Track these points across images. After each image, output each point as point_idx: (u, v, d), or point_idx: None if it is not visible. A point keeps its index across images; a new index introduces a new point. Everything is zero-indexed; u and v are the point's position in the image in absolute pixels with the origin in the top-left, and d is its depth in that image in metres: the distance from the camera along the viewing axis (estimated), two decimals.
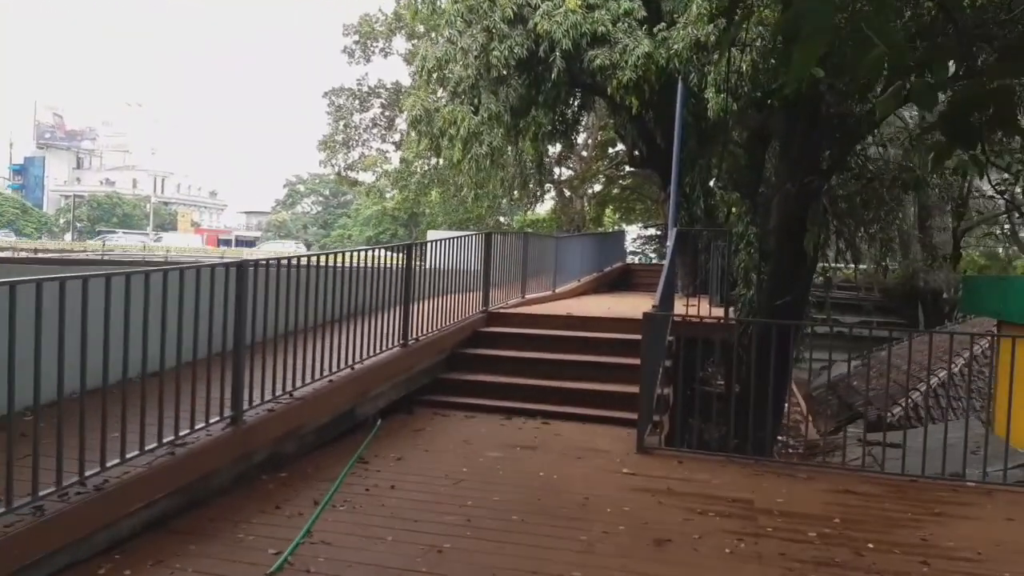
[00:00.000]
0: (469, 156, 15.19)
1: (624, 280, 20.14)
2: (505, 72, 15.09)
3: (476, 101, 15.78)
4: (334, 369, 5.65)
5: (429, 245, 7.58)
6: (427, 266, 7.42)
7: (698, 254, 17.50)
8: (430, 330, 7.33)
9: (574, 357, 7.87)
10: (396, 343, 6.58)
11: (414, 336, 6.95)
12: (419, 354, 6.97)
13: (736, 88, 12.47)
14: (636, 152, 17.24)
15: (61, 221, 76.45)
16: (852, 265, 21.10)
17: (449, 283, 7.92)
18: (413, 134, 17.75)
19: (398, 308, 6.65)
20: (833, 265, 20.60)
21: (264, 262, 4.97)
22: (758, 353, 6.57)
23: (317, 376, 5.42)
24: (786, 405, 17.69)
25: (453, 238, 8.44)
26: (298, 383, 5.24)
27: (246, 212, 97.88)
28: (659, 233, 40.71)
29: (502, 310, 9.29)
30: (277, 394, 5.03)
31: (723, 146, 13.92)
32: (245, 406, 4.68)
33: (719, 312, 9.21)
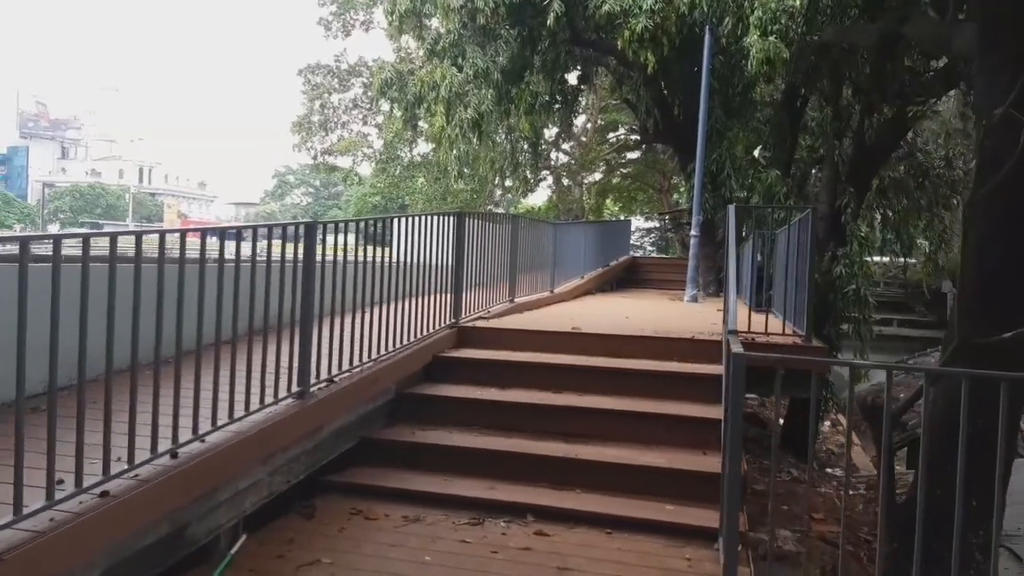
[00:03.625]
0: (452, 122, 12.35)
1: (631, 276, 17.38)
2: (495, 22, 12.30)
3: (460, 60, 13.00)
4: (136, 460, 2.91)
5: (353, 227, 4.77)
6: (356, 260, 4.66)
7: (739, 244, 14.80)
8: (356, 362, 4.58)
9: (588, 401, 5.12)
10: (283, 393, 3.83)
11: (322, 377, 4.20)
12: (331, 407, 4.20)
13: (786, 31, 9.72)
14: (649, 123, 14.44)
15: (44, 212, 73.86)
16: (901, 259, 18.42)
17: (397, 285, 5.16)
18: (384, 104, 14.86)
19: (288, 332, 3.88)
20: (880, 259, 17.95)
21: None
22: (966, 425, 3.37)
23: (89, 483, 2.69)
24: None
25: (399, 217, 5.69)
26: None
27: (235, 203, 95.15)
28: (659, 225, 38.09)
29: (479, 322, 6.53)
30: None
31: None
32: None
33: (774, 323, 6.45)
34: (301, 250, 3.98)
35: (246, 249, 3.68)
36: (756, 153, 12.78)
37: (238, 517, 3.50)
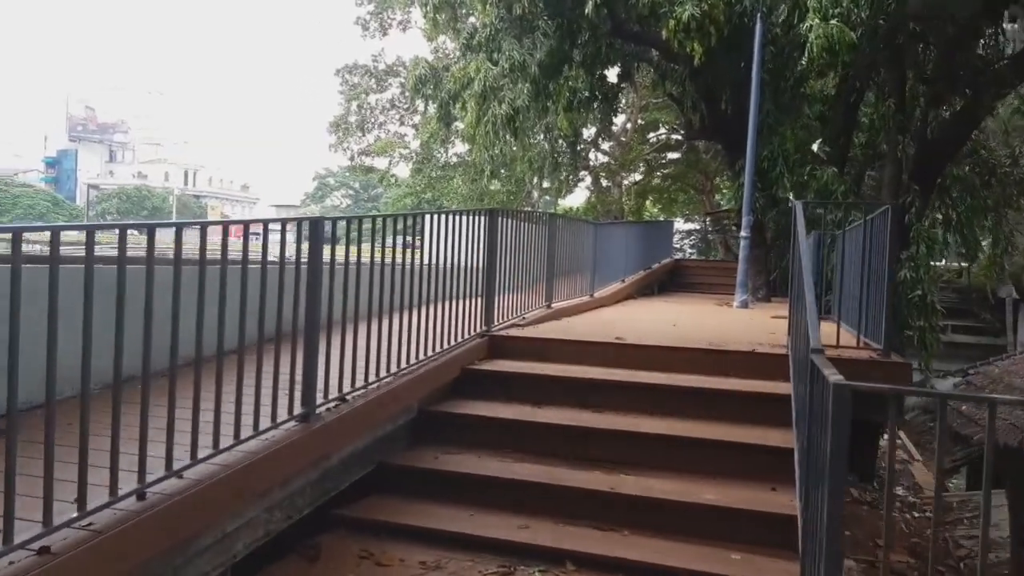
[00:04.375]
0: (485, 119, 11.78)
1: (674, 279, 16.64)
2: (532, 12, 11.71)
3: (496, 55, 12.45)
4: (91, 506, 2.39)
5: (368, 224, 4.21)
6: (372, 261, 4.11)
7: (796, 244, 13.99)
8: (373, 378, 4.03)
9: (634, 423, 4.50)
10: (284, 416, 3.30)
11: (331, 395, 3.66)
12: (342, 431, 3.66)
13: (848, 14, 8.94)
14: (695, 119, 13.70)
15: (91, 214, 75.65)
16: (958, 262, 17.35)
17: (422, 289, 4.61)
18: (419, 102, 14.37)
19: (291, 344, 3.35)
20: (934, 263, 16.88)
21: None
22: None
23: (24, 538, 2.18)
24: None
25: (423, 214, 5.14)
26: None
27: (276, 206, 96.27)
28: (699, 226, 37.09)
29: (514, 330, 5.95)
30: None
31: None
32: None
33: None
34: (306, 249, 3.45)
35: (242, 248, 3.16)
36: (815, 147, 11.94)
37: (226, 564, 2.97)
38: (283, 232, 3.34)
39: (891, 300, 5.04)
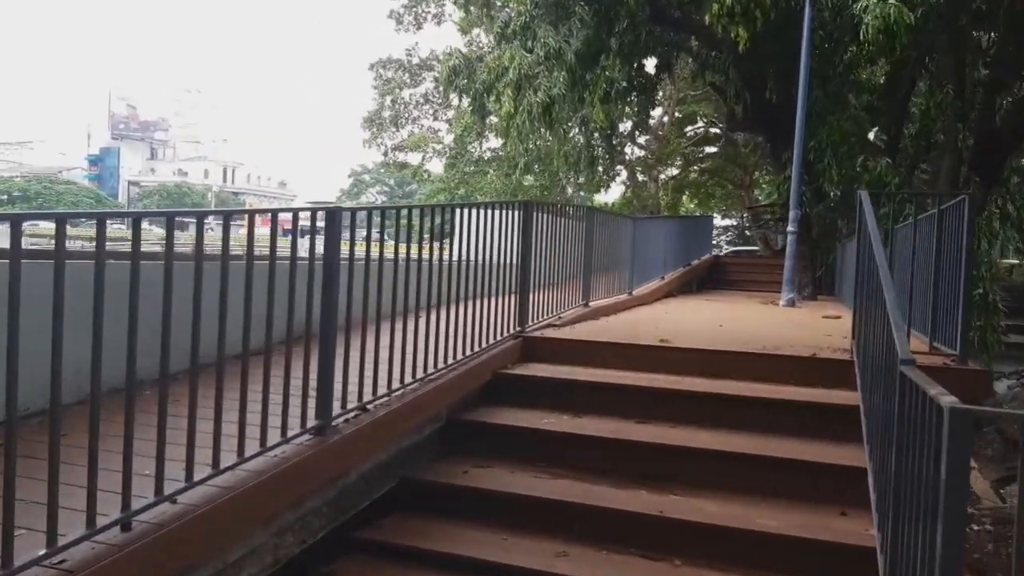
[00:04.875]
0: (520, 108, 11.38)
1: (713, 276, 16.08)
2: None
3: (531, 43, 12.05)
4: (62, 541, 2.07)
5: (391, 216, 3.84)
6: (397, 258, 3.77)
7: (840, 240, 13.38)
8: (397, 384, 3.69)
9: (681, 436, 4.08)
10: (296, 429, 2.97)
11: (350, 405, 3.31)
12: (361, 443, 3.32)
13: None
14: (738, 109, 13.15)
15: (131, 210, 77.13)
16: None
17: (451, 287, 4.26)
18: (452, 94, 14.03)
19: (305, 349, 3.01)
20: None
21: None
22: None
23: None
24: None
25: (451, 206, 4.78)
26: None
27: (312, 203, 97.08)
28: (736, 222, 36.25)
29: (549, 331, 5.57)
30: None
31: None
32: None
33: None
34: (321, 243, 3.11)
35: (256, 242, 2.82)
36: (871, 136, 11.32)
37: None
38: (295, 221, 3.01)
39: (969, 301, 4.54)
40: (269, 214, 3.22)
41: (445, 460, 4.02)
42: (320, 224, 3.19)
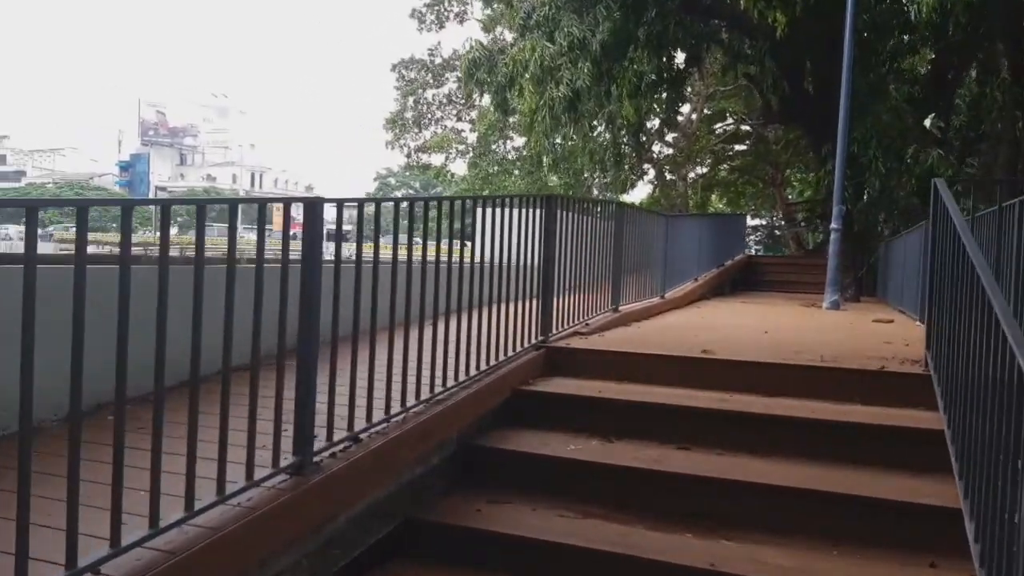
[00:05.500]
0: (542, 102, 10.81)
1: (747, 277, 15.34)
2: None
3: (554, 33, 11.48)
4: None
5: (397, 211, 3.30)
6: (396, 258, 3.22)
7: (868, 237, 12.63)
8: (397, 408, 3.14)
9: (732, 466, 3.47)
10: (266, 470, 2.43)
11: (339, 437, 2.76)
12: (351, 483, 2.75)
13: None
14: (774, 101, 12.44)
15: (159, 215, 78.13)
16: None
17: (461, 292, 3.70)
18: (473, 87, 13.51)
19: (277, 371, 2.47)
20: None
21: None
22: None
23: None
24: None
25: (462, 198, 4.22)
26: None
27: (346, 206, 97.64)
28: (765, 222, 35.34)
29: (576, 340, 4.99)
30: None
31: None
32: None
33: None
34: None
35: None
36: (927, 123, 10.56)
37: None
38: (261, 214, 2.48)
39: None
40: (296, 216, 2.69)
41: (455, 495, 3.45)
42: (343, 225, 2.65)
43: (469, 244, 4.10)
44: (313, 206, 2.58)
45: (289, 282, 2.49)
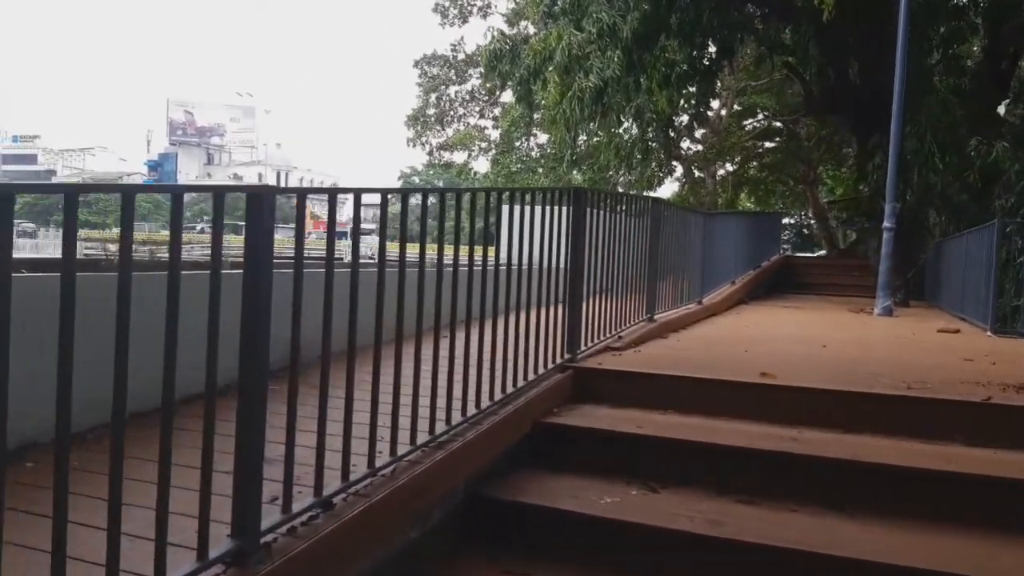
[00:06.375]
0: (569, 94, 10.08)
1: (784, 279, 14.41)
2: None
3: (582, 20, 10.75)
4: None
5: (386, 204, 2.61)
6: (383, 259, 2.53)
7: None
8: (381, 461, 2.44)
9: (807, 530, 2.74)
10: (188, 567, 1.75)
11: (299, 507, 2.07)
12: (318, 566, 2.10)
13: None
14: (816, 90, 11.60)
15: (188, 214, 78.65)
16: None
17: (470, 302, 3.00)
18: (495, 80, 12.81)
19: (205, 416, 1.78)
20: None
21: None
22: None
23: None
24: None
25: (471, 191, 3.52)
26: None
27: (364, 205, 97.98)
28: (793, 221, 34.35)
29: (608, 357, 4.26)
30: None
31: None
32: None
33: None
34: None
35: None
36: (1001, 110, 9.66)
37: None
38: (218, 203, 1.80)
39: None
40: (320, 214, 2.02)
41: (463, 560, 2.74)
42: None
43: (480, 246, 3.40)
44: (259, 197, 1.89)
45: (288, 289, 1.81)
